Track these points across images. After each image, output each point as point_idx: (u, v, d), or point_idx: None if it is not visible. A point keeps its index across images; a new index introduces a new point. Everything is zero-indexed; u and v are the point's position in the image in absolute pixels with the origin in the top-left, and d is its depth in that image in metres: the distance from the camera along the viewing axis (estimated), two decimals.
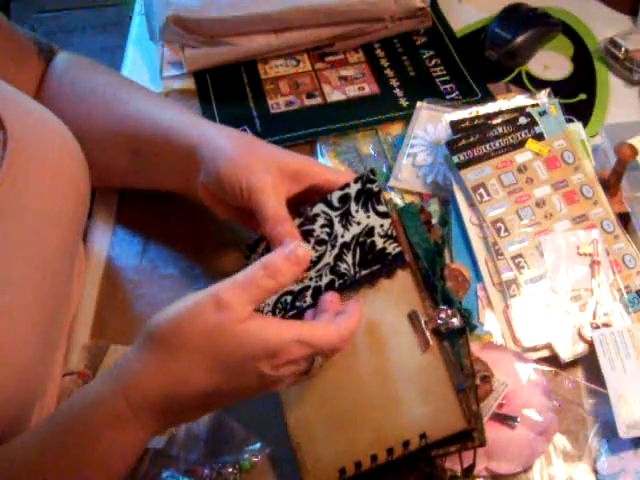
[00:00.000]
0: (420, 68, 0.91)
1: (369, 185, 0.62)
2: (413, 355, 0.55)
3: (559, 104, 0.76)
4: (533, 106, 0.76)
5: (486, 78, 0.90)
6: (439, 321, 0.55)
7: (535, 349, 0.65)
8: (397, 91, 0.88)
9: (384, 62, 0.92)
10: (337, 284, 0.59)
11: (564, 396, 0.63)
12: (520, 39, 0.90)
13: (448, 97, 0.87)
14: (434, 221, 0.71)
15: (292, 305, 0.60)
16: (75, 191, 0.60)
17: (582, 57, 0.92)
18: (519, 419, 0.60)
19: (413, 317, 0.55)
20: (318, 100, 0.88)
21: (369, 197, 0.62)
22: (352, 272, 0.59)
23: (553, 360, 0.64)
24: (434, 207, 0.75)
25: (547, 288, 0.67)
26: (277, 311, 0.61)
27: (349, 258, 0.60)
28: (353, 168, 0.80)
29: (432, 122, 0.81)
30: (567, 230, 0.69)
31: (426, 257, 0.59)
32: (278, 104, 0.87)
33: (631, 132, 0.75)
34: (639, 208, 0.72)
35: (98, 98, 0.72)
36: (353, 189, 0.63)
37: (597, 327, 0.64)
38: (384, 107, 0.86)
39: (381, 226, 0.60)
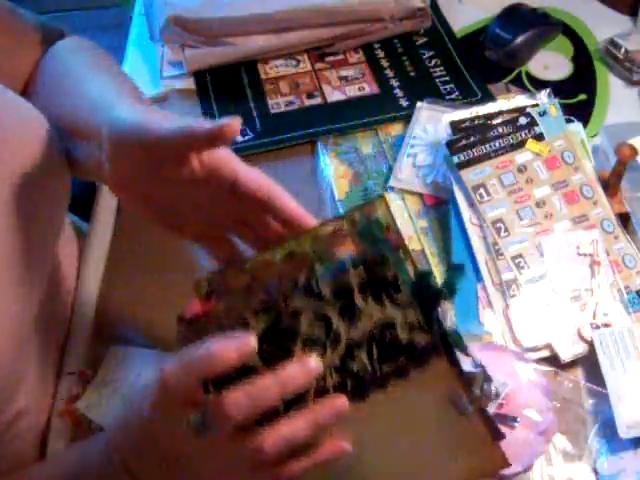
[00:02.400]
0: (420, 68, 0.91)
1: (378, 271, 0.48)
2: (456, 428, 0.52)
3: (559, 104, 0.76)
4: (533, 106, 0.76)
5: (486, 78, 0.90)
6: (486, 399, 0.53)
7: (535, 349, 0.65)
8: (397, 91, 0.88)
9: (384, 62, 0.92)
10: (351, 385, 0.48)
11: (564, 396, 0.62)
12: (520, 39, 0.90)
13: (448, 97, 0.87)
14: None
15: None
16: (42, 164, 0.57)
17: (582, 57, 0.92)
18: (519, 419, 0.60)
19: (456, 401, 0.51)
20: (318, 100, 0.88)
21: (381, 287, 0.48)
22: (370, 369, 0.48)
23: (553, 360, 0.64)
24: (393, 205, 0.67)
25: (547, 288, 0.67)
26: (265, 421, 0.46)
27: (363, 356, 0.48)
28: (353, 168, 0.80)
29: (432, 122, 0.81)
30: (567, 230, 0.69)
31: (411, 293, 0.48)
32: (278, 104, 0.87)
33: (631, 132, 0.75)
34: (639, 208, 0.72)
35: (62, 86, 0.65)
36: (354, 278, 0.48)
37: (597, 327, 0.64)
38: (384, 107, 0.86)
39: (404, 317, 0.48)
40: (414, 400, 0.51)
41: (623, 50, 0.89)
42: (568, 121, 0.77)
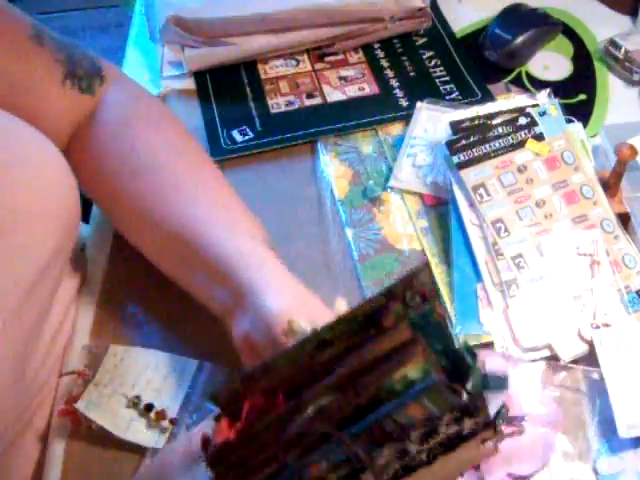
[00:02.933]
0: (420, 68, 0.91)
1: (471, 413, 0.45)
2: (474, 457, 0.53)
3: (559, 104, 0.76)
4: (533, 106, 0.76)
5: (486, 78, 0.90)
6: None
7: (535, 349, 0.65)
8: (397, 91, 0.88)
9: (384, 62, 0.92)
10: (401, 472, 0.47)
11: (564, 396, 0.62)
12: (520, 39, 0.90)
13: (448, 97, 0.87)
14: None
15: None
16: (61, 217, 0.56)
17: (582, 57, 0.92)
18: (527, 418, 0.60)
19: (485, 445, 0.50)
20: (318, 100, 0.88)
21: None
22: (425, 460, 0.47)
23: (553, 360, 0.64)
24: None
25: (547, 288, 0.67)
26: None
27: (423, 455, 0.47)
28: (353, 168, 0.80)
29: (432, 122, 0.81)
30: (567, 230, 0.69)
31: (449, 358, 0.46)
32: (278, 104, 0.87)
33: (631, 132, 0.75)
34: (639, 208, 0.72)
35: (157, 186, 0.62)
36: (446, 425, 0.45)
37: (597, 327, 0.64)
38: (384, 107, 0.86)
39: (475, 422, 0.47)
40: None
41: (623, 50, 0.89)
42: (568, 121, 0.77)
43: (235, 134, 0.84)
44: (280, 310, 0.54)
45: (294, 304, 0.55)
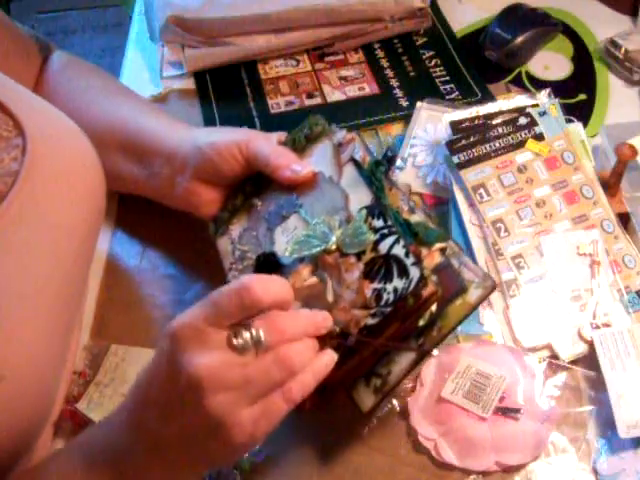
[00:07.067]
0: (420, 68, 0.91)
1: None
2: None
3: (559, 104, 0.76)
4: (533, 106, 0.76)
5: (486, 78, 0.90)
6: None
7: (535, 349, 0.65)
8: (397, 91, 0.88)
9: (384, 62, 0.92)
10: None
11: (564, 396, 0.63)
12: (520, 39, 0.90)
13: (448, 97, 0.87)
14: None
15: None
16: (92, 199, 0.59)
17: (582, 57, 0.93)
18: (522, 410, 0.60)
19: None
20: (318, 100, 0.88)
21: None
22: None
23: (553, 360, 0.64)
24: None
25: (547, 288, 0.67)
26: None
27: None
28: None
29: (432, 122, 0.81)
30: (567, 230, 0.69)
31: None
32: (278, 104, 0.88)
33: (631, 132, 0.75)
34: (639, 208, 0.72)
35: (92, 97, 0.74)
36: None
37: (597, 327, 0.64)
38: (384, 107, 0.86)
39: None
40: None
41: (623, 50, 0.89)
42: (568, 121, 0.77)
43: None
44: (224, 139, 0.65)
45: (228, 132, 0.67)
